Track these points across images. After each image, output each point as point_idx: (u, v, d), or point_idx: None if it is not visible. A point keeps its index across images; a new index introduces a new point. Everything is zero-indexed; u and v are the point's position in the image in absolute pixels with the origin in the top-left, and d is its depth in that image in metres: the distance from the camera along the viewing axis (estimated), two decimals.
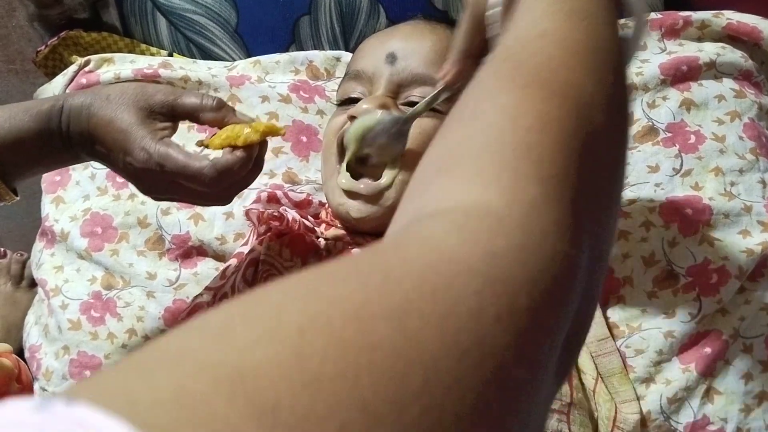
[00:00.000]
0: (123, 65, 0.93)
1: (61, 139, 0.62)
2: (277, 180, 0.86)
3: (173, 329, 0.23)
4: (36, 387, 0.87)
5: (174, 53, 0.97)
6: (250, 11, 0.93)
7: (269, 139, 0.63)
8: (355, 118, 0.72)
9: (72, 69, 0.93)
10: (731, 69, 0.82)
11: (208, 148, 0.63)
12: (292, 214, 0.77)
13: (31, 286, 1.13)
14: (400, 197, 0.69)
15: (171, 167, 0.58)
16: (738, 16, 0.84)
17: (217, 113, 0.61)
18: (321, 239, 0.76)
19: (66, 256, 0.87)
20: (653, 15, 0.86)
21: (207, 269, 0.83)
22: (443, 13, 0.90)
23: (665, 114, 0.80)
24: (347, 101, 0.77)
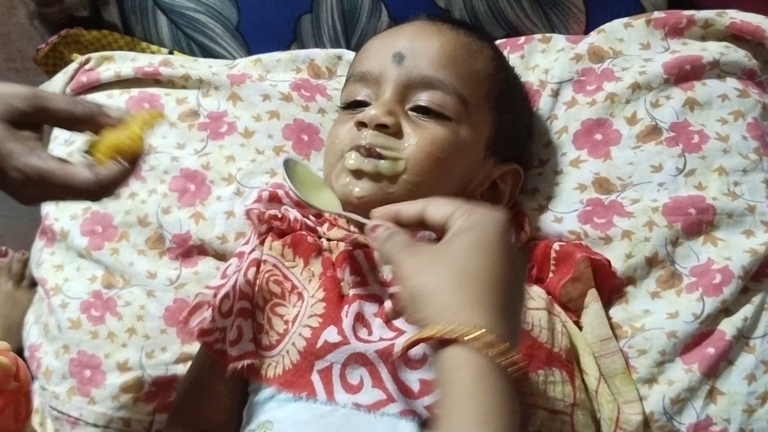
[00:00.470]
0: (123, 63, 0.92)
1: None
2: (278, 179, 0.85)
3: None
4: (36, 386, 0.87)
5: (175, 51, 0.97)
6: (251, 9, 0.93)
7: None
8: (364, 124, 0.71)
9: (72, 67, 0.93)
10: (735, 68, 0.81)
11: (92, 156, 0.57)
12: (293, 213, 0.77)
13: (32, 285, 1.12)
14: (404, 193, 0.69)
15: (51, 183, 0.55)
16: (742, 15, 0.83)
17: (89, 120, 0.57)
18: (323, 239, 0.76)
19: (66, 254, 0.87)
20: (657, 14, 0.85)
21: (208, 268, 0.83)
22: (445, 12, 0.90)
23: (668, 113, 0.80)
24: (352, 104, 0.76)
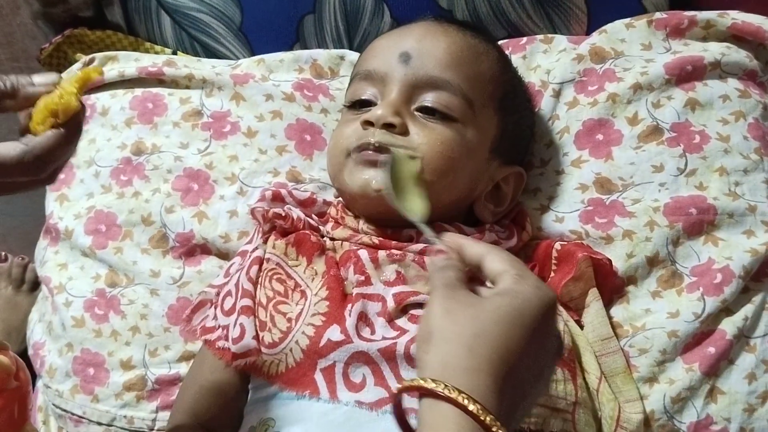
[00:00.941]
0: (127, 63, 0.93)
1: None
2: (281, 178, 0.86)
3: None
4: (39, 384, 0.87)
5: (178, 51, 0.97)
6: (254, 10, 0.93)
7: None
8: (371, 123, 0.71)
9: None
10: (736, 69, 0.82)
11: (33, 134, 0.52)
12: (296, 212, 0.77)
13: (32, 289, 1.13)
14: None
15: None
16: (743, 16, 0.83)
17: (17, 101, 0.52)
18: (326, 238, 0.76)
19: (70, 253, 0.87)
20: (658, 14, 0.86)
21: (211, 267, 0.83)
22: (448, 12, 0.90)
23: (670, 114, 0.80)
24: (357, 103, 0.76)
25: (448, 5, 0.90)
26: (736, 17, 0.83)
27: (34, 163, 0.51)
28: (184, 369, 0.81)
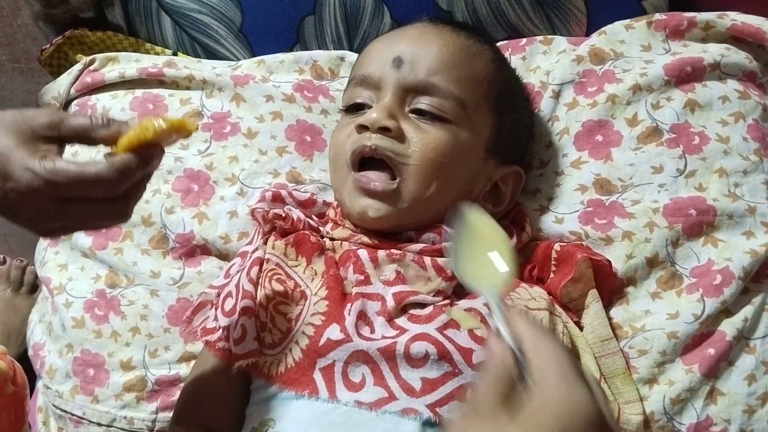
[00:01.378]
0: (128, 64, 0.93)
1: None
2: (281, 179, 0.86)
3: None
4: (39, 385, 0.87)
5: (178, 52, 0.97)
6: (254, 11, 0.94)
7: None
8: (365, 128, 0.72)
9: (77, 68, 0.93)
10: (735, 70, 0.82)
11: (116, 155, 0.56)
12: (296, 213, 0.78)
13: (31, 291, 1.13)
14: (413, 203, 0.71)
15: (64, 180, 0.53)
16: (743, 17, 0.83)
17: (110, 128, 0.56)
18: (326, 239, 0.76)
19: (70, 254, 0.87)
20: (657, 16, 0.86)
21: (211, 268, 0.83)
22: (448, 14, 0.90)
23: (669, 115, 0.80)
24: (353, 107, 0.77)
25: (447, 6, 0.90)
26: (735, 18, 0.83)
27: (113, 180, 0.54)
28: (184, 370, 0.81)
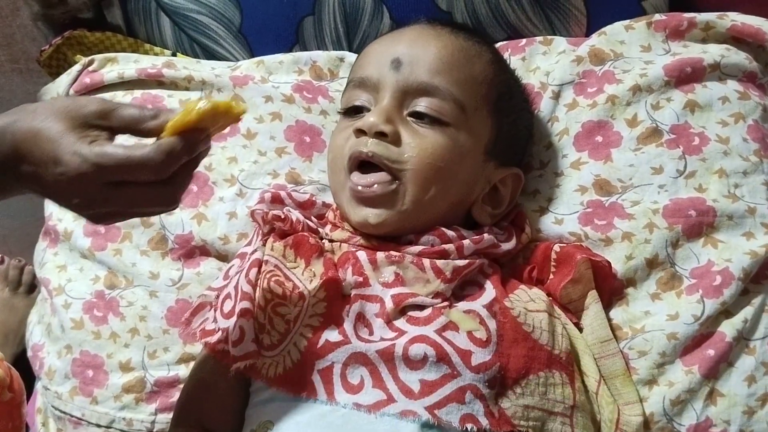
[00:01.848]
0: (127, 65, 0.93)
1: None
2: (281, 180, 0.86)
3: None
4: (38, 386, 0.87)
5: (178, 53, 0.97)
6: (254, 11, 0.93)
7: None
8: (363, 132, 0.72)
9: (76, 68, 0.93)
10: (735, 71, 0.81)
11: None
12: (295, 214, 0.77)
13: (29, 291, 1.13)
14: (412, 208, 0.71)
15: (111, 163, 0.53)
16: (743, 17, 0.83)
17: (159, 120, 0.57)
18: (325, 240, 0.76)
19: (69, 255, 0.87)
20: (657, 16, 0.85)
21: (210, 269, 0.83)
22: (447, 14, 0.90)
23: (669, 115, 0.80)
24: (351, 110, 0.77)
25: (447, 7, 0.90)
26: (735, 19, 0.83)
27: (161, 163, 0.54)
28: (183, 371, 0.81)
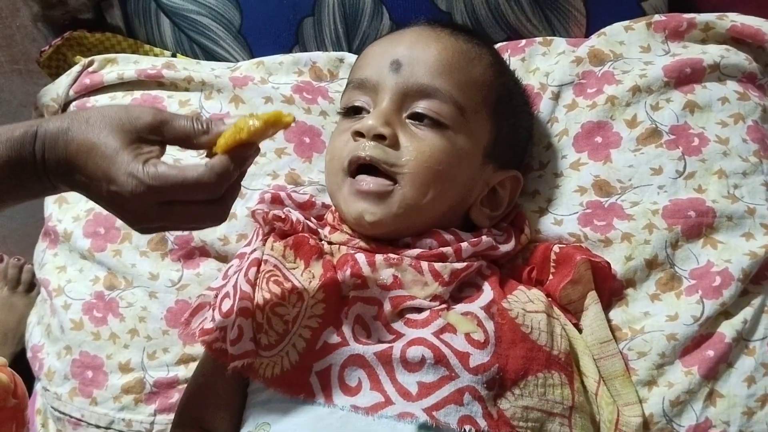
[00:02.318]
0: (126, 66, 0.93)
1: (35, 169, 0.57)
2: (280, 181, 0.86)
3: None
4: (38, 387, 0.87)
5: (177, 54, 0.97)
6: (253, 12, 0.93)
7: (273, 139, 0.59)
8: (362, 135, 0.72)
9: (76, 69, 0.93)
10: (735, 71, 0.81)
11: (214, 155, 0.58)
12: (295, 215, 0.77)
13: (28, 290, 1.13)
14: (409, 209, 0.71)
15: (166, 186, 0.54)
16: (742, 18, 0.83)
17: (210, 135, 0.58)
18: (324, 242, 0.76)
19: (69, 256, 0.87)
20: (657, 17, 0.85)
21: (209, 270, 0.83)
22: (447, 15, 0.90)
23: (669, 116, 0.80)
24: (351, 111, 0.77)
25: (446, 7, 0.90)
26: (735, 19, 0.83)
27: (213, 182, 0.55)
28: (182, 372, 0.81)
